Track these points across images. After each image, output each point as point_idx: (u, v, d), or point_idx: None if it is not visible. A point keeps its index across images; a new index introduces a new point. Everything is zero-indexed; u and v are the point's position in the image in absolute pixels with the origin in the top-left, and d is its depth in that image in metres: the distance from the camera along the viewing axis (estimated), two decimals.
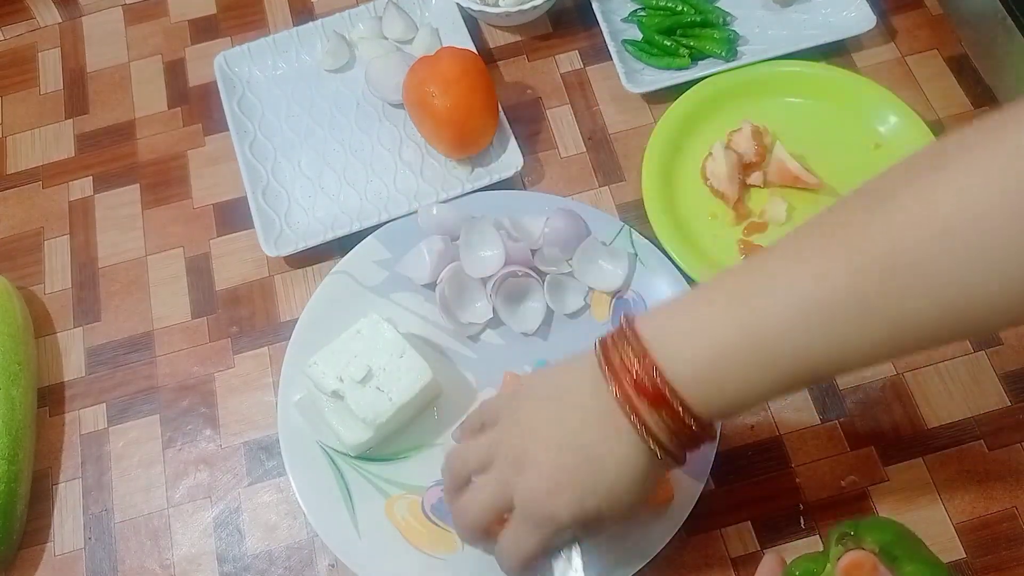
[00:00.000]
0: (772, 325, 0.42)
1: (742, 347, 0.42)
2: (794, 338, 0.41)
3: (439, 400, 0.67)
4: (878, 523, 0.53)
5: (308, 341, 0.68)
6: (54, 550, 0.66)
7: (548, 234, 0.70)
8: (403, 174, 0.77)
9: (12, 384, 0.67)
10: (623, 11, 0.83)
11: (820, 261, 0.41)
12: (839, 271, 0.40)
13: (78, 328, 0.74)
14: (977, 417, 0.65)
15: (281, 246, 0.73)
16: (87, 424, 0.70)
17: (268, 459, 0.68)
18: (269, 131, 0.79)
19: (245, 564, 0.65)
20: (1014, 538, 0.61)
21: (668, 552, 0.61)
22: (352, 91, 0.81)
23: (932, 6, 0.82)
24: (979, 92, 0.77)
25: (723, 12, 0.80)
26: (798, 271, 0.42)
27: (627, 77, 0.77)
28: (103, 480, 0.68)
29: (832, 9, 0.80)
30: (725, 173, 0.72)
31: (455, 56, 0.73)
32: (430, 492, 0.64)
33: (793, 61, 0.77)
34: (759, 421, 0.66)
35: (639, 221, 0.73)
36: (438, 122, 0.72)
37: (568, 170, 0.77)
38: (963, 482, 0.63)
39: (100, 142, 0.82)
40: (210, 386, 0.71)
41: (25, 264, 0.77)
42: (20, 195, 0.80)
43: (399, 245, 0.72)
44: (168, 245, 0.77)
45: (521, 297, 0.70)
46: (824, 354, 0.42)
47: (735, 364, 0.43)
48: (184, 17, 0.88)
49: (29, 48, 0.88)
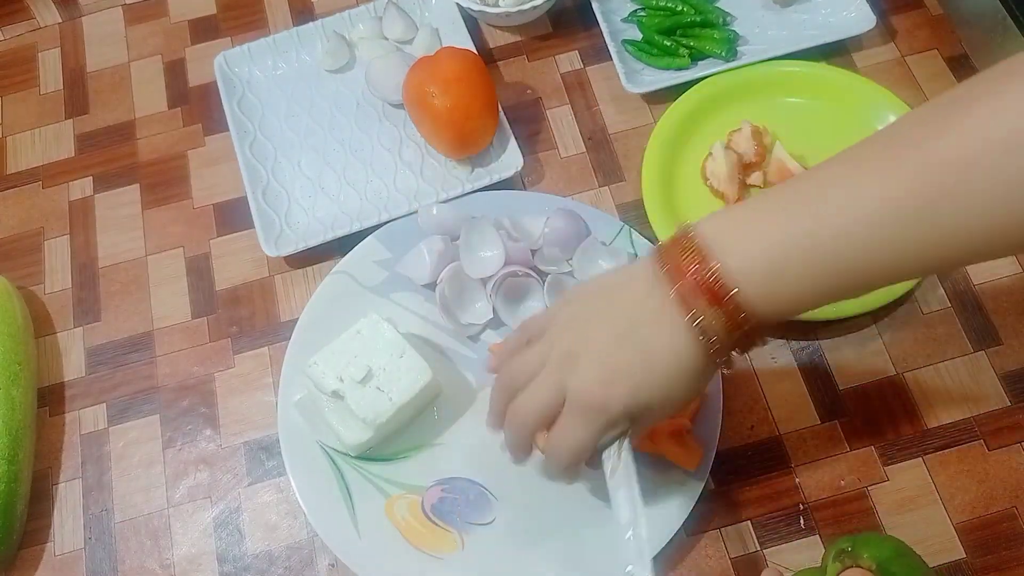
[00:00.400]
0: (832, 228, 0.43)
1: (801, 250, 0.43)
2: (853, 244, 0.42)
3: (439, 400, 0.67)
4: (876, 539, 0.53)
5: (308, 341, 0.68)
6: (54, 550, 0.66)
7: (548, 234, 0.70)
8: (403, 174, 0.77)
9: (12, 384, 0.67)
10: (623, 11, 0.83)
11: (886, 166, 0.42)
12: (905, 176, 0.41)
13: (78, 328, 0.74)
14: (977, 417, 0.65)
15: (281, 246, 0.73)
16: (87, 424, 0.70)
17: (268, 459, 0.68)
18: (269, 131, 0.79)
19: (245, 564, 0.65)
20: (1014, 538, 0.61)
21: (668, 552, 0.61)
22: (352, 91, 0.81)
23: (932, 6, 0.82)
24: None
25: (723, 12, 0.80)
26: (862, 177, 0.43)
27: (627, 77, 0.77)
28: (103, 480, 0.68)
29: (832, 9, 0.80)
30: (725, 173, 0.72)
31: (455, 56, 0.73)
32: (430, 492, 0.64)
33: (793, 61, 0.77)
34: (759, 421, 0.66)
35: (639, 221, 0.73)
36: (438, 122, 0.72)
37: (568, 170, 0.77)
38: (963, 482, 0.63)
39: (100, 142, 0.82)
40: (210, 386, 0.71)
41: (25, 264, 0.77)
42: (20, 195, 0.80)
43: (399, 245, 0.72)
44: (168, 245, 0.77)
45: (521, 297, 0.70)
46: (880, 261, 0.43)
47: (793, 267, 0.44)
48: (184, 17, 0.88)
49: (29, 48, 0.88)
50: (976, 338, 0.68)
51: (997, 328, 0.68)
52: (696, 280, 0.45)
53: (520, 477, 0.64)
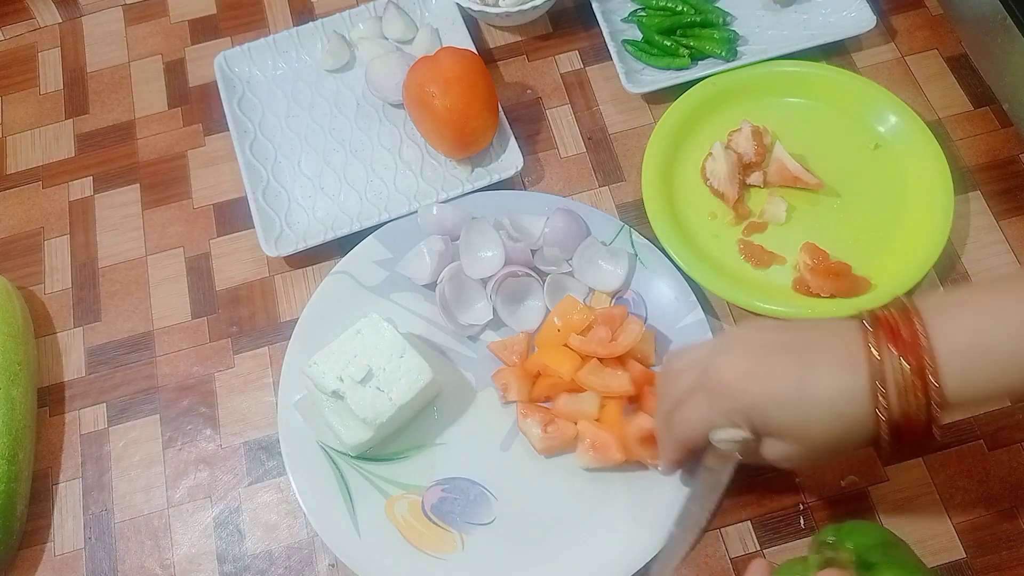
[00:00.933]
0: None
1: (1008, 347, 0.43)
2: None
3: (439, 400, 0.67)
4: (860, 527, 0.52)
5: (308, 341, 0.68)
6: (54, 550, 0.66)
7: (548, 234, 0.70)
8: (403, 174, 0.77)
9: (12, 384, 0.67)
10: (623, 11, 0.83)
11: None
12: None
13: (78, 328, 0.74)
14: (977, 417, 0.65)
15: (281, 246, 0.73)
16: (87, 424, 0.70)
17: (268, 459, 0.68)
18: (269, 131, 0.79)
19: (245, 564, 0.65)
20: (1014, 538, 0.61)
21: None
22: (352, 91, 0.81)
23: (932, 6, 0.82)
24: (979, 92, 0.77)
25: (723, 12, 0.80)
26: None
27: (627, 77, 0.77)
28: (103, 480, 0.68)
29: (832, 9, 0.80)
30: (725, 173, 0.72)
31: (455, 56, 0.73)
32: (430, 492, 0.64)
33: (793, 61, 0.77)
34: None
35: (639, 221, 0.73)
36: (438, 122, 0.72)
37: (568, 170, 0.77)
38: (963, 482, 0.63)
39: (100, 142, 0.82)
40: (210, 386, 0.71)
41: (25, 264, 0.77)
42: (20, 195, 0.80)
43: (399, 245, 0.72)
44: (168, 245, 0.77)
45: (521, 297, 0.70)
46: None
47: (995, 356, 0.43)
48: (184, 17, 0.88)
49: (29, 48, 0.88)
50: None
51: None
52: (894, 327, 0.44)
53: (520, 477, 0.64)
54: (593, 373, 0.64)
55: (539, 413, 0.64)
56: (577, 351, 0.65)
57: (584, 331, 0.66)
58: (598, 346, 0.64)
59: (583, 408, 0.64)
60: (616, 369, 0.64)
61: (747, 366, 0.47)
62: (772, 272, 0.70)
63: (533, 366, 0.66)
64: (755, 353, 0.47)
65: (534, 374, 0.66)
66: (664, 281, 0.69)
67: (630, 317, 0.67)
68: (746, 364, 0.47)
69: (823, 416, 0.45)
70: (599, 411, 0.64)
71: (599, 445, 0.62)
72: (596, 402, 0.64)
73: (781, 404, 0.45)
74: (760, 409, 0.46)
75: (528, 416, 0.64)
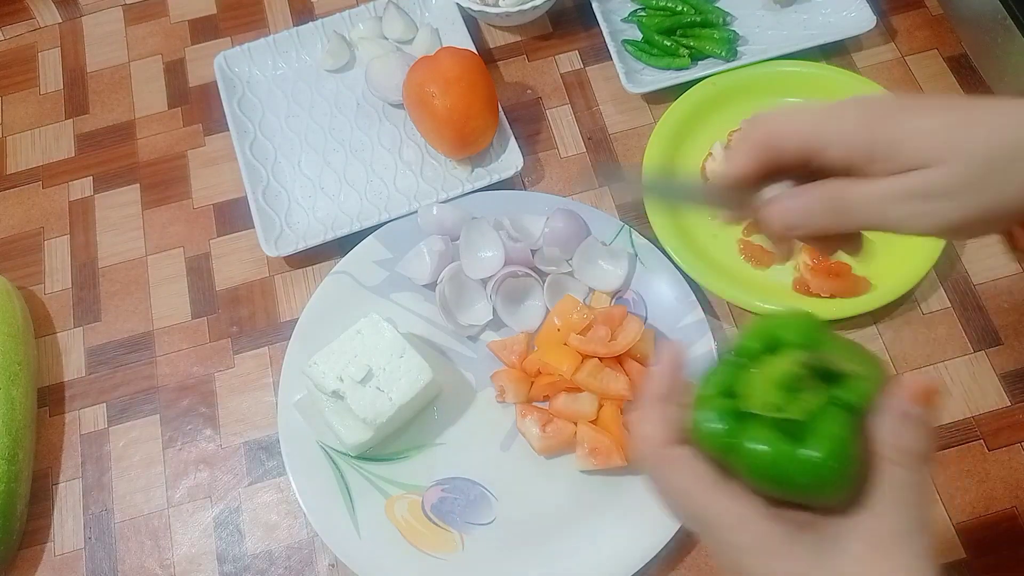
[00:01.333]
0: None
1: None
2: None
3: (439, 400, 0.67)
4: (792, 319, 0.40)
5: (308, 341, 0.68)
6: (54, 550, 0.66)
7: (548, 234, 0.70)
8: (403, 174, 0.77)
9: (12, 384, 0.67)
10: (623, 11, 0.83)
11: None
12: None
13: (78, 328, 0.74)
14: (977, 417, 0.65)
15: (281, 246, 0.73)
16: (87, 424, 0.70)
17: (268, 459, 0.68)
18: (269, 131, 0.79)
19: (245, 564, 0.65)
20: (1014, 538, 0.61)
21: (669, 552, 0.61)
22: (352, 91, 0.81)
23: (932, 6, 0.82)
24: (979, 92, 0.77)
25: (723, 12, 0.80)
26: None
27: (627, 77, 0.77)
28: (103, 480, 0.68)
29: (832, 9, 0.80)
30: None
31: (455, 56, 0.73)
32: (430, 492, 0.64)
33: (793, 61, 0.77)
34: None
35: (639, 221, 0.73)
36: (438, 122, 0.72)
37: (568, 170, 0.77)
38: (963, 482, 0.63)
39: (100, 142, 0.82)
40: (210, 386, 0.71)
41: (25, 264, 0.77)
42: (20, 195, 0.80)
43: (399, 245, 0.72)
44: (168, 245, 0.77)
45: (521, 297, 0.70)
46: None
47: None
48: (184, 17, 0.88)
49: (29, 48, 0.88)
50: (976, 338, 0.68)
51: (997, 328, 0.68)
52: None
53: (520, 477, 0.64)
54: (592, 375, 0.64)
55: (537, 413, 0.64)
56: (577, 350, 0.65)
57: (584, 331, 0.66)
58: (598, 345, 0.64)
59: (581, 408, 0.64)
60: (616, 372, 0.64)
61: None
62: (772, 272, 0.70)
63: (533, 365, 0.66)
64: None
65: (533, 373, 0.66)
66: (664, 281, 0.69)
67: (630, 317, 0.67)
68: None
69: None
70: (596, 412, 0.64)
71: (600, 451, 0.62)
72: (594, 403, 0.64)
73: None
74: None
75: (526, 416, 0.64)
